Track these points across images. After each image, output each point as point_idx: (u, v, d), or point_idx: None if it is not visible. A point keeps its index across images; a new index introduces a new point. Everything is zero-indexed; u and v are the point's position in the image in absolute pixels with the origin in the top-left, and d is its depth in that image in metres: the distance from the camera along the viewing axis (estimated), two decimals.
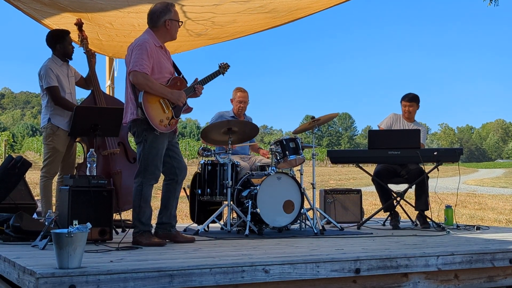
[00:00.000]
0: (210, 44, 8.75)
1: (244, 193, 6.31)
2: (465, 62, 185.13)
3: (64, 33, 6.52)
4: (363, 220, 7.32)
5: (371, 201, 15.16)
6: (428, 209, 7.00)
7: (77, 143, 6.59)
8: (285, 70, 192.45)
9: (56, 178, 6.44)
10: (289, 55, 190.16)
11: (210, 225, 6.41)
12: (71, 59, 6.53)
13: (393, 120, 7.55)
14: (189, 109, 5.43)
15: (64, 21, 7.08)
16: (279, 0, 6.94)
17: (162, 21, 5.21)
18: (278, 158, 6.49)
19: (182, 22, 5.44)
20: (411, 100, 7.49)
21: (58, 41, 6.44)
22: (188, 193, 6.85)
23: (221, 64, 5.83)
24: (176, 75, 5.38)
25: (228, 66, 5.85)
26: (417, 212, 7.18)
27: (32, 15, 6.99)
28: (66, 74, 6.43)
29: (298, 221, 6.58)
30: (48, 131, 6.27)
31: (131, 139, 6.86)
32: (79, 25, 6.82)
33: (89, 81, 6.65)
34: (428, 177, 7.04)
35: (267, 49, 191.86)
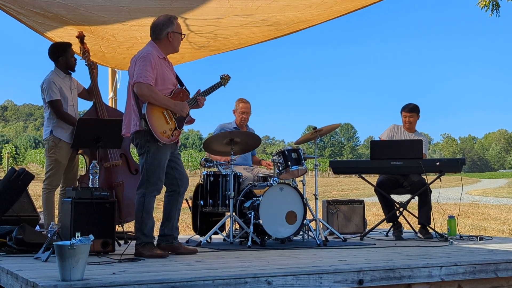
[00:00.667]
0: (212, 54, 8.79)
1: (247, 204, 6.30)
2: (467, 73, 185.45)
3: (66, 46, 6.53)
4: (366, 231, 7.31)
5: (374, 211, 15.13)
6: (430, 223, 6.99)
7: (79, 155, 6.59)
8: (287, 81, 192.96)
9: (58, 190, 6.44)
10: (291, 65, 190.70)
11: (213, 236, 6.40)
12: (74, 71, 6.54)
13: (394, 131, 7.55)
14: (191, 121, 5.44)
15: (67, 33, 7.11)
16: (282, 14, 6.97)
17: (165, 34, 5.24)
18: (281, 168, 6.48)
19: (184, 34, 5.46)
20: (411, 110, 7.49)
21: (60, 54, 6.45)
22: (191, 204, 6.85)
23: (222, 75, 5.85)
24: (179, 86, 5.40)
25: (229, 77, 5.88)
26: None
27: (35, 28, 7.03)
28: (69, 86, 6.44)
29: (301, 232, 6.56)
30: (51, 143, 6.27)
31: (133, 151, 6.87)
32: (81, 37, 6.84)
33: (92, 93, 6.66)
34: (430, 191, 7.03)
35: (269, 60, 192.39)
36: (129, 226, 7.55)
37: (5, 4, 6.25)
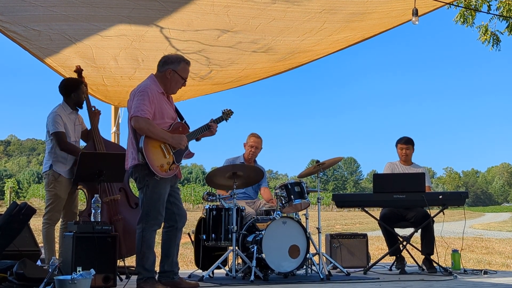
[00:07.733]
0: (215, 92, 8.82)
1: (249, 238, 6.27)
2: (469, 106, 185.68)
3: (79, 83, 6.57)
4: (370, 265, 7.26)
5: (377, 245, 15.02)
6: (433, 253, 6.94)
7: (79, 189, 6.55)
8: (291, 116, 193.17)
9: (58, 225, 6.40)
10: (294, 101, 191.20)
11: (215, 271, 6.36)
12: (81, 108, 6.55)
13: (392, 168, 7.59)
14: (190, 154, 5.43)
15: (69, 63, 7.14)
16: (281, 37, 6.98)
17: (166, 69, 5.26)
18: (283, 202, 6.46)
19: (185, 80, 5.41)
20: (407, 142, 7.60)
21: (73, 90, 6.45)
22: (193, 239, 6.81)
23: (224, 110, 5.86)
24: (179, 120, 5.40)
25: (232, 112, 5.88)
26: (423, 256, 7.12)
27: (36, 54, 6.92)
28: (74, 122, 6.43)
29: (304, 266, 6.51)
30: (50, 177, 6.24)
31: (133, 184, 6.87)
32: (79, 71, 6.87)
33: (90, 136, 6.64)
34: (433, 221, 6.99)
35: (272, 95, 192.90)
36: (131, 261, 7.50)
37: (7, 27, 6.25)
